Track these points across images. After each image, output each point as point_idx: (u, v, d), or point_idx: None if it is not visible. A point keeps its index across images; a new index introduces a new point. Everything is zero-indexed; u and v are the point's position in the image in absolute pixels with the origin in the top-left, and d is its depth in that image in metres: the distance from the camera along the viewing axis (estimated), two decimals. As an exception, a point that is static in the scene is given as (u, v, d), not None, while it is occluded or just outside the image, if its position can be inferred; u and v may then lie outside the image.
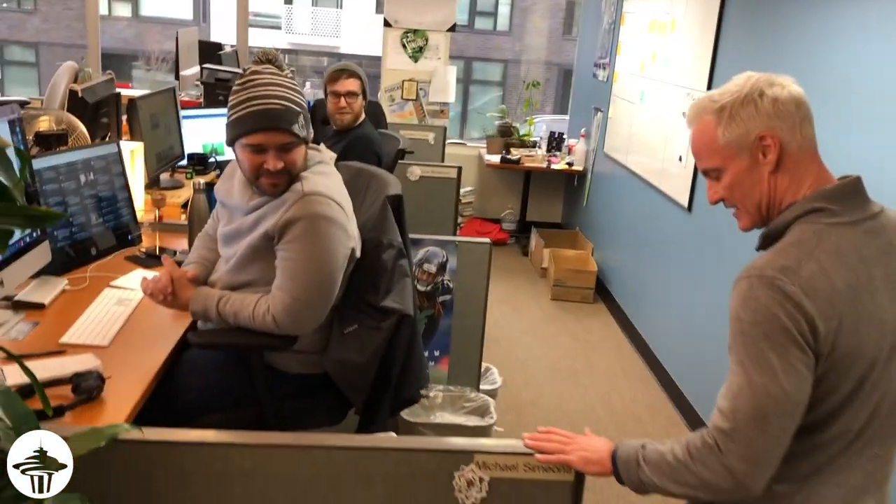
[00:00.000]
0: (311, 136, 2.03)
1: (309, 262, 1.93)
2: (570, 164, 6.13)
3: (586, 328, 4.84)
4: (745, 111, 1.31)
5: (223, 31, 13.39)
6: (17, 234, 2.04)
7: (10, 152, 1.08)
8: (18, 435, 1.12)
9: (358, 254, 2.05)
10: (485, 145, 6.58)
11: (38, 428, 1.13)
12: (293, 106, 1.93)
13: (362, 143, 3.48)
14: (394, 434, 2.05)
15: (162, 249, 2.66)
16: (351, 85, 3.53)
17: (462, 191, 6.31)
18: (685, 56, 4.02)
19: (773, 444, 1.22)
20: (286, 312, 1.92)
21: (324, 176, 2.03)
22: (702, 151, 1.38)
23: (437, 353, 3.10)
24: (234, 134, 1.94)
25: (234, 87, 1.96)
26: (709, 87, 3.65)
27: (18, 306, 2.11)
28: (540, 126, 7.31)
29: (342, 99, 3.53)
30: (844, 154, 2.59)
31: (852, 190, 1.32)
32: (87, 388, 1.67)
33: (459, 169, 4.43)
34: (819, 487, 1.31)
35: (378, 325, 2.00)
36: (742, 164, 1.34)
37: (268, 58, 1.99)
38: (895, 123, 2.38)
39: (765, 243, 1.34)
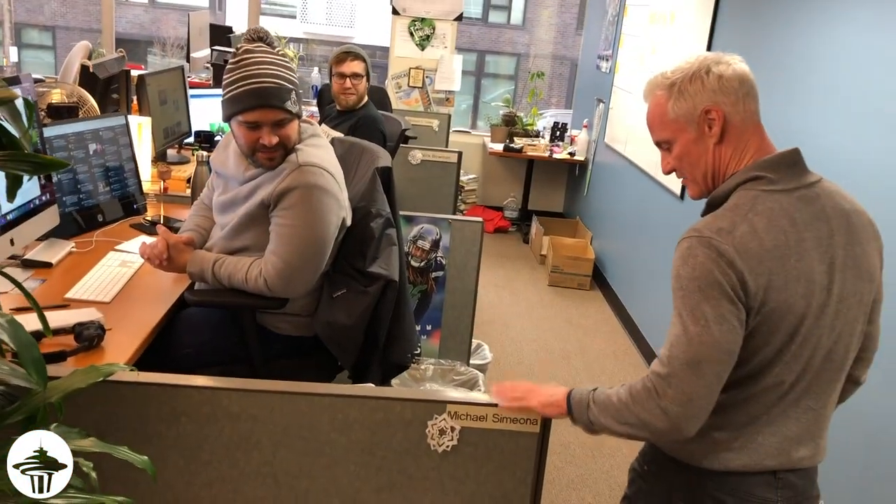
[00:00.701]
0: (303, 110, 2.13)
1: (302, 228, 2.03)
2: (571, 153, 6.22)
3: (581, 313, 4.93)
4: (692, 87, 1.41)
5: (238, 19, 13.52)
6: (29, 196, 2.16)
7: (19, 104, 1.19)
8: (23, 364, 1.23)
9: (349, 222, 2.16)
10: (489, 134, 6.69)
11: (40, 356, 1.23)
12: (285, 83, 2.02)
13: (369, 122, 3.60)
14: (373, 385, 2.15)
15: (166, 219, 2.77)
16: (356, 67, 3.64)
17: (465, 178, 6.42)
18: (682, 48, 4.10)
19: (704, 389, 1.31)
20: (278, 276, 2.02)
21: (318, 148, 2.13)
22: (654, 124, 1.48)
23: (429, 328, 3.20)
24: (231, 111, 2.03)
25: (228, 66, 2.04)
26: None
27: (27, 265, 2.23)
28: (547, 118, 7.40)
29: (347, 80, 3.64)
30: (830, 139, 2.68)
31: (790, 160, 1.41)
32: (89, 337, 1.78)
33: (460, 154, 4.53)
34: (756, 436, 1.41)
35: (365, 290, 2.10)
36: (690, 136, 1.44)
37: (259, 35, 2.07)
38: (879, 112, 2.46)
39: (709, 209, 1.44)
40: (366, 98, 3.77)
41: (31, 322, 1.35)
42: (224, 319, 2.16)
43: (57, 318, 1.86)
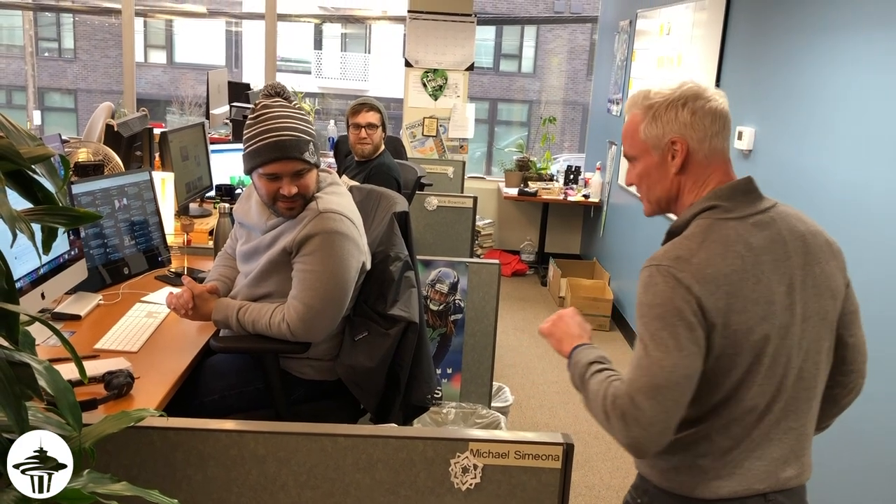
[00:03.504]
0: (321, 160, 2.20)
1: (324, 273, 2.08)
2: (586, 196, 6.28)
3: (602, 354, 4.92)
4: (666, 115, 1.47)
5: (254, 76, 13.84)
6: (59, 251, 2.23)
7: (55, 161, 1.26)
8: (60, 409, 1.28)
9: (368, 266, 2.21)
10: (504, 179, 6.77)
11: (76, 401, 1.28)
12: (303, 135, 2.10)
13: (383, 170, 3.68)
14: (395, 425, 2.17)
15: (190, 270, 2.84)
16: (371, 118, 3.74)
17: (482, 223, 6.49)
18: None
19: (663, 414, 1.35)
20: (300, 319, 2.07)
21: (337, 195, 2.20)
22: (626, 138, 1.55)
23: (449, 371, 3.22)
24: (252, 164, 2.11)
25: (248, 122, 2.13)
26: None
27: (57, 318, 2.29)
28: (560, 162, 7.50)
29: (363, 130, 3.74)
30: (835, 174, 2.71)
31: (744, 188, 1.48)
32: (118, 385, 1.83)
33: (475, 199, 4.59)
34: (742, 461, 1.44)
35: (386, 332, 2.15)
36: (653, 160, 1.50)
37: (276, 91, 2.16)
38: (876, 143, 2.50)
39: (668, 238, 1.51)
40: (382, 147, 3.86)
41: (64, 372, 1.40)
42: (249, 366, 2.21)
43: (87, 368, 1.88)
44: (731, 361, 1.40)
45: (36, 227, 1.20)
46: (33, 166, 1.19)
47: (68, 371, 1.38)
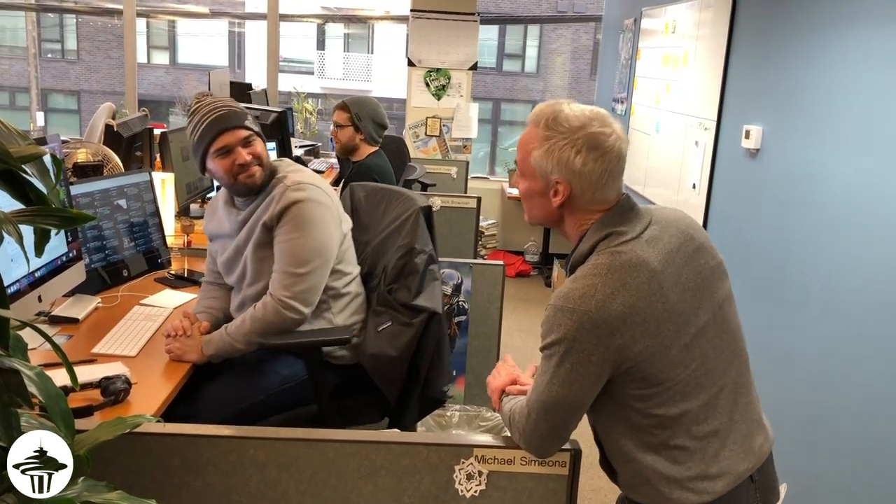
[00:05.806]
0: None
1: (300, 238, 2.11)
2: (591, 196, 6.24)
3: (607, 356, 4.88)
4: (560, 154, 1.44)
5: (257, 77, 13.83)
6: (56, 253, 2.20)
7: (46, 160, 1.22)
8: (52, 416, 1.24)
9: (347, 229, 2.28)
10: (507, 179, 6.73)
11: (68, 408, 1.24)
12: (238, 109, 2.19)
13: (362, 170, 3.69)
14: (398, 430, 2.15)
15: (190, 272, 2.80)
16: (337, 117, 3.77)
17: (485, 223, 6.45)
18: (697, 87, 4.13)
19: (552, 428, 1.49)
20: (284, 288, 2.09)
21: (300, 172, 2.26)
22: (520, 150, 1.54)
23: (453, 373, 3.18)
24: (202, 148, 2.17)
25: (188, 121, 2.21)
26: (719, 115, 3.75)
27: (54, 321, 2.26)
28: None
29: (336, 129, 3.78)
30: (843, 174, 2.67)
31: (628, 207, 1.48)
32: (115, 391, 1.80)
33: (479, 199, 4.56)
34: (723, 453, 1.48)
35: (410, 322, 2.18)
36: (537, 186, 1.50)
37: (205, 95, 2.27)
38: (885, 142, 2.46)
39: (571, 271, 1.50)
40: (363, 147, 3.78)
41: (59, 378, 1.36)
42: (293, 362, 2.22)
43: (84, 373, 1.87)
44: (662, 376, 1.42)
45: (29, 230, 1.16)
46: (24, 166, 1.15)
47: (63, 376, 1.34)
